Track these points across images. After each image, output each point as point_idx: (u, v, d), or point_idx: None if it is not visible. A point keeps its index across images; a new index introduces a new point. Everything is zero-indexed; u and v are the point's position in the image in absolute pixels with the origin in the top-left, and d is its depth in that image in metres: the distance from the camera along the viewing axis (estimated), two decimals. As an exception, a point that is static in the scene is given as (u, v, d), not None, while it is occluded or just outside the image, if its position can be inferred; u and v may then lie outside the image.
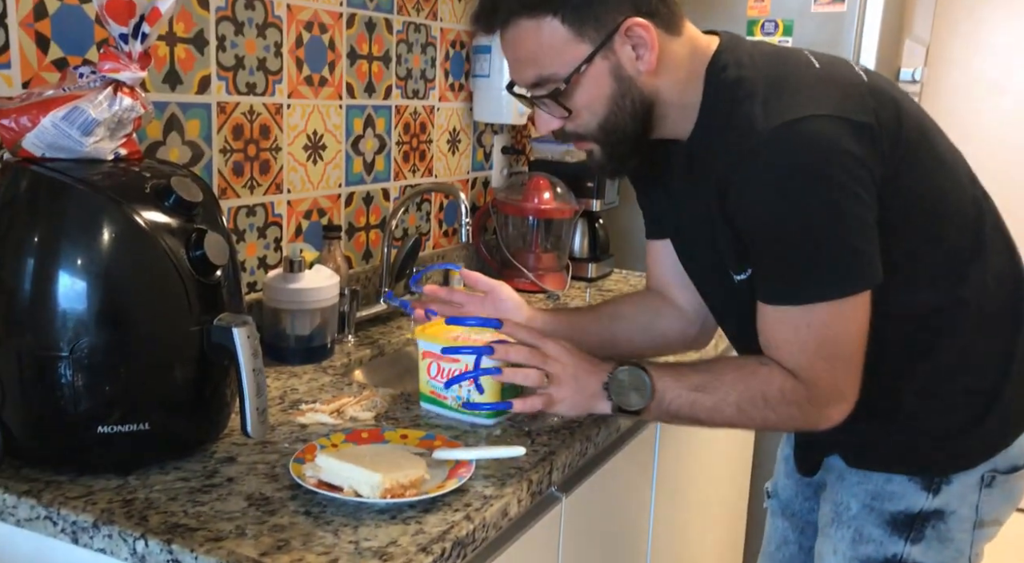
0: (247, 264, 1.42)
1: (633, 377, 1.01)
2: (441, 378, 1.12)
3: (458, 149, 1.92)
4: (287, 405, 1.18)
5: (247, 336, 0.94)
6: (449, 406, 1.13)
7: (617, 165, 1.09)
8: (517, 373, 1.04)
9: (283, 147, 1.45)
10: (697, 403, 1.01)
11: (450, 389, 1.12)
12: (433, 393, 1.13)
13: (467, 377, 1.06)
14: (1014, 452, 1.07)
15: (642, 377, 1.01)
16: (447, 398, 1.12)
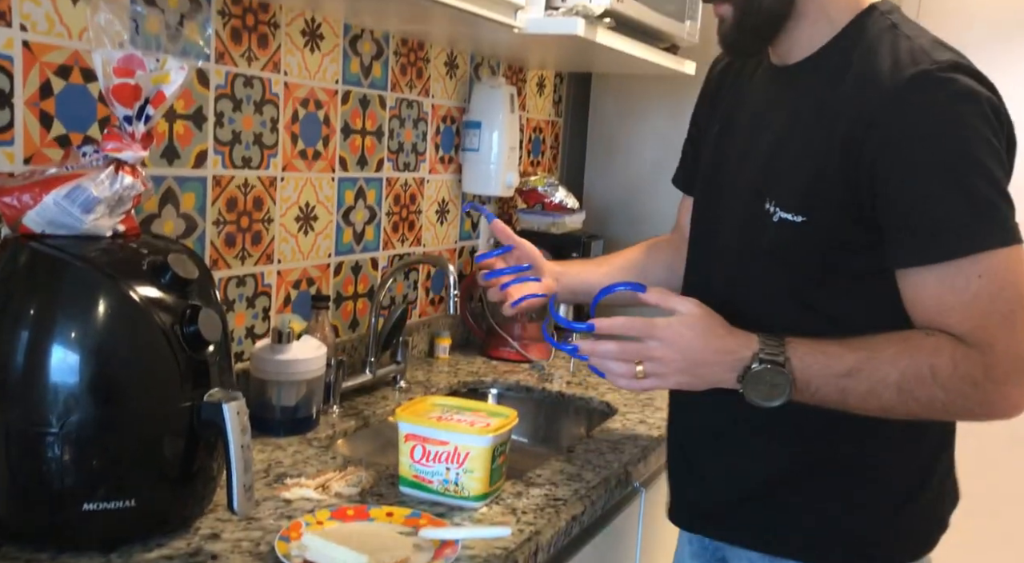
0: (235, 334, 1.43)
1: (773, 374, 0.92)
2: (427, 461, 1.13)
3: (446, 219, 1.95)
4: (272, 478, 1.17)
5: (237, 412, 0.95)
6: (434, 490, 1.13)
7: (739, 37, 1.01)
8: (609, 365, 0.98)
9: (275, 218, 1.48)
10: (848, 391, 0.92)
11: (435, 473, 1.12)
12: (417, 477, 1.13)
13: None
14: None
15: (781, 376, 0.92)
16: (432, 482, 1.13)
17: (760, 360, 0.92)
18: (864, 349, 0.92)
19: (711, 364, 0.95)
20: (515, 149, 1.95)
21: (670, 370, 0.96)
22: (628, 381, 0.98)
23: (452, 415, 1.17)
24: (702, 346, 0.95)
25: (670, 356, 0.95)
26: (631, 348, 0.96)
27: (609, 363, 0.98)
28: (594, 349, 0.98)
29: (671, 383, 0.97)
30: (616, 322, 0.98)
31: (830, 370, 0.91)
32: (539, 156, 2.33)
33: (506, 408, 1.20)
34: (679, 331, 0.95)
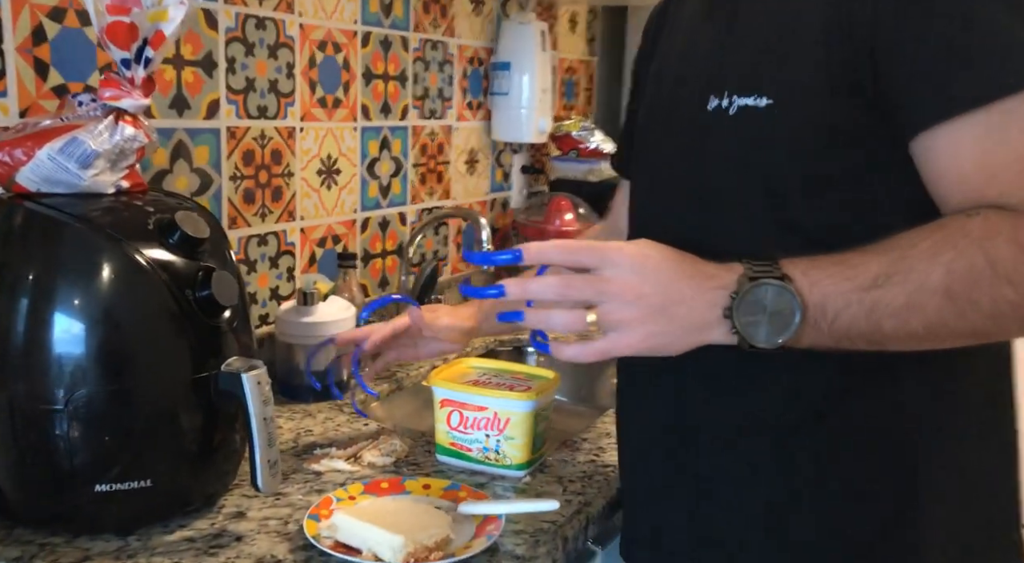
0: (258, 296, 1.35)
1: (773, 293, 0.65)
2: (464, 428, 1.04)
3: (476, 170, 1.85)
4: (300, 449, 1.10)
5: (257, 382, 0.87)
6: (474, 458, 1.05)
7: None
8: (549, 317, 0.69)
9: (296, 172, 1.39)
10: (879, 309, 0.64)
11: (474, 441, 1.04)
12: (455, 445, 1.06)
13: None
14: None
15: (784, 296, 0.65)
16: (471, 450, 1.05)
17: (751, 278, 0.65)
18: (890, 250, 0.65)
19: (688, 299, 0.66)
20: (547, 91, 1.83)
21: (637, 314, 0.66)
22: (577, 349, 0.69)
23: (490, 378, 1.09)
24: (675, 270, 0.67)
25: (636, 288, 0.66)
26: (578, 282, 0.67)
27: (551, 316, 0.69)
28: (525, 288, 0.68)
29: (638, 338, 0.67)
30: (550, 246, 0.68)
31: (850, 283, 0.65)
32: (573, 99, 2.20)
33: (547, 371, 1.12)
34: (643, 251, 0.68)
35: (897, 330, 0.65)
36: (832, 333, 0.66)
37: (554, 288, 0.67)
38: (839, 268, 0.66)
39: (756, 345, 0.66)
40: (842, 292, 0.65)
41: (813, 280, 0.65)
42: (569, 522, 0.93)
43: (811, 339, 0.67)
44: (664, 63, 0.90)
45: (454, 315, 1.15)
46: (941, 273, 0.64)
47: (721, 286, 0.67)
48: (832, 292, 0.65)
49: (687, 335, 0.68)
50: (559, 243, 0.68)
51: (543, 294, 0.68)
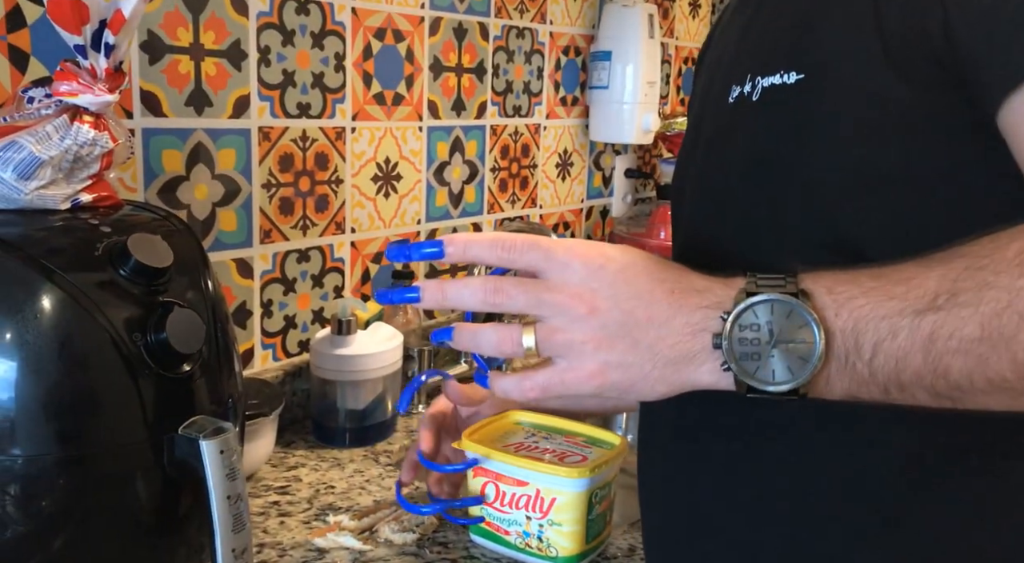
0: (298, 319, 1.18)
1: (782, 317, 0.46)
2: (501, 505, 0.83)
3: (570, 174, 1.62)
4: (315, 511, 0.92)
5: (219, 451, 0.69)
6: (511, 544, 0.83)
7: None
8: (476, 334, 0.52)
9: (346, 179, 1.21)
10: (940, 336, 0.44)
11: (512, 523, 0.83)
12: (490, 525, 0.84)
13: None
14: None
15: (799, 319, 0.46)
16: (509, 533, 0.83)
17: (749, 293, 0.47)
18: (954, 258, 0.45)
19: (662, 319, 0.48)
20: (655, 84, 1.58)
21: (589, 335, 0.48)
22: (511, 380, 0.51)
23: (538, 440, 0.87)
24: (646, 280, 0.48)
25: (589, 300, 0.48)
26: (510, 286, 0.49)
27: (478, 333, 0.51)
28: (444, 291, 0.51)
29: (591, 370, 0.48)
30: (480, 238, 0.51)
31: (896, 303, 0.45)
32: (689, 92, 1.93)
33: (612, 434, 0.88)
34: (604, 252, 0.50)
35: (971, 374, 0.44)
36: (874, 376, 0.46)
37: (478, 293, 0.50)
38: (880, 283, 0.46)
39: (758, 389, 0.47)
40: (884, 316, 0.45)
41: (841, 298, 0.46)
42: (616, 656, 0.70)
43: (844, 385, 0.47)
44: (702, 67, 0.72)
45: None
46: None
47: (712, 304, 0.48)
48: (869, 315, 0.45)
49: (662, 371, 0.48)
50: (492, 236, 0.51)
51: (463, 300, 0.51)
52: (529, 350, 0.50)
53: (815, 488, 0.56)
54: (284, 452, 1.07)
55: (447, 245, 0.51)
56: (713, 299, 0.48)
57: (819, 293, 0.46)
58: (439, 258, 0.52)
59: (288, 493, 0.96)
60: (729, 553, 0.61)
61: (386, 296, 0.54)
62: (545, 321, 0.49)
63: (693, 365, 0.48)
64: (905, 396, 0.46)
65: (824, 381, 0.46)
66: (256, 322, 1.13)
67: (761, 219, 0.55)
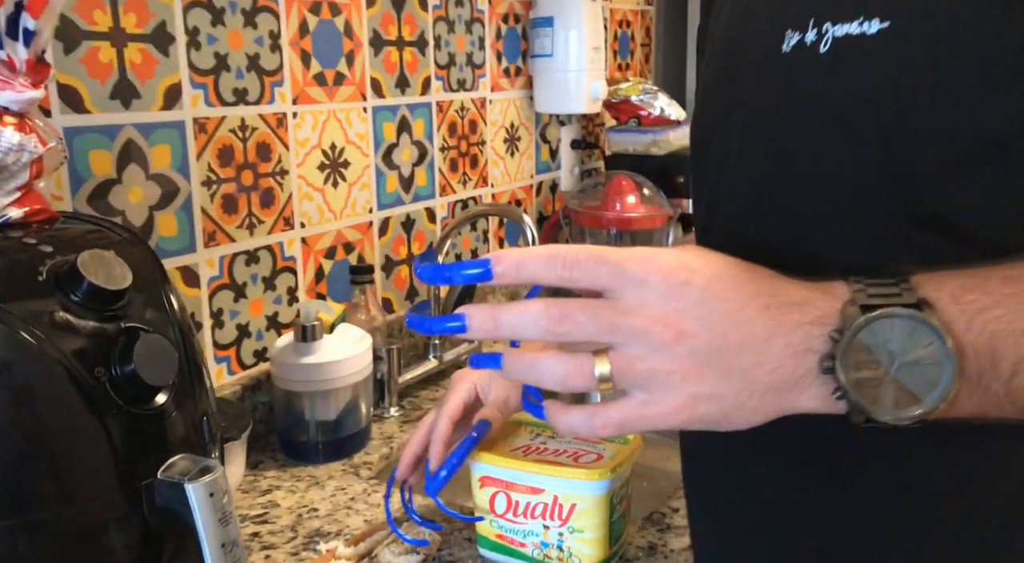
0: (252, 327, 1.08)
1: (905, 335, 0.40)
2: (514, 515, 0.76)
3: (518, 149, 1.55)
4: (301, 540, 0.84)
5: (209, 494, 0.60)
6: (529, 557, 0.77)
7: None
8: (536, 364, 0.43)
9: (291, 169, 1.11)
10: None
11: (528, 533, 0.76)
12: (502, 538, 0.78)
13: None
14: None
15: (925, 336, 0.40)
16: (525, 546, 0.77)
17: (864, 307, 0.40)
18: None
19: (760, 341, 0.41)
20: (600, 50, 1.52)
21: (676, 365, 0.41)
22: (581, 416, 0.43)
23: (546, 442, 0.81)
24: (737, 295, 0.42)
25: (675, 324, 0.41)
26: (579, 312, 0.42)
27: (539, 362, 0.43)
28: (497, 320, 0.43)
29: (678, 404, 0.42)
30: (536, 255, 0.43)
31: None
32: (627, 58, 1.88)
33: (624, 427, 0.82)
34: (686, 263, 0.43)
35: None
36: (1012, 396, 0.40)
37: (540, 321, 0.42)
38: (1017, 289, 0.40)
39: (878, 419, 0.40)
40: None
41: (972, 309, 0.40)
42: None
43: (972, 406, 0.41)
44: (721, 9, 0.59)
45: (508, 384, 0.83)
46: None
47: (815, 321, 0.41)
48: (1007, 329, 0.39)
49: (759, 401, 0.42)
50: (549, 250, 0.43)
51: (523, 330, 0.42)
52: (604, 382, 0.42)
53: (919, 509, 0.49)
54: (254, 475, 0.98)
55: (495, 264, 0.43)
56: (815, 313, 0.41)
57: (944, 303, 0.40)
58: (487, 280, 0.43)
59: (268, 522, 0.88)
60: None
61: (423, 324, 0.44)
62: (621, 349, 0.41)
63: (796, 391, 0.41)
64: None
65: (952, 405, 0.40)
66: (207, 334, 1.02)
67: (833, 195, 0.48)
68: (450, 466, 0.77)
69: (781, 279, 0.43)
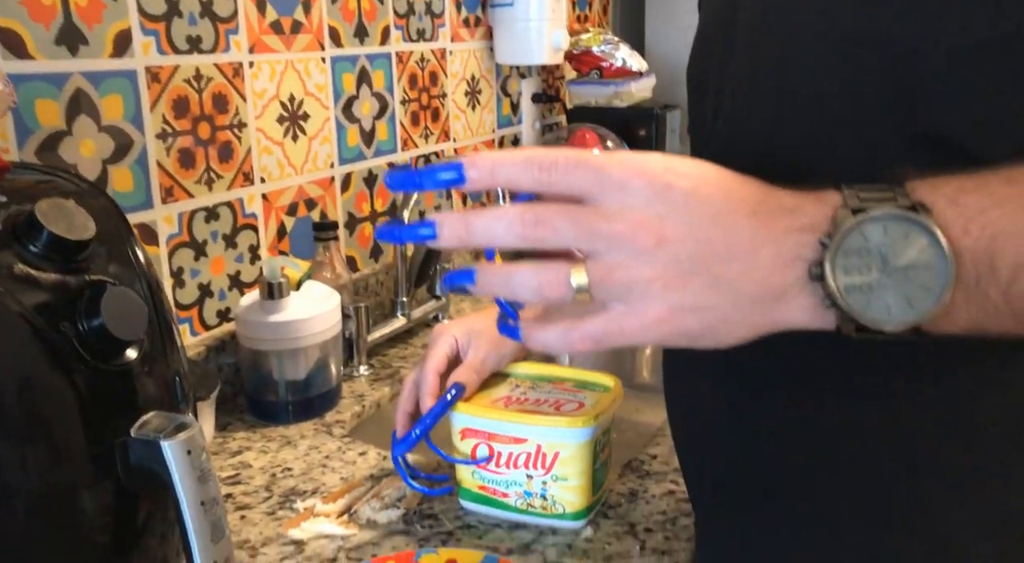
0: (214, 286, 1.04)
1: (899, 238, 0.38)
2: (496, 466, 0.75)
3: (479, 102, 1.52)
4: (277, 500, 0.82)
5: (187, 451, 0.58)
6: (512, 506, 0.76)
7: None
8: (510, 275, 0.41)
9: (249, 122, 1.07)
10: None
11: (511, 484, 0.75)
12: (485, 489, 0.77)
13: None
14: None
15: (920, 239, 0.38)
16: (508, 496, 0.76)
17: (855, 211, 0.38)
18: None
19: (747, 249, 0.39)
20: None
21: (658, 272, 0.39)
22: (556, 332, 0.42)
23: (527, 391, 0.80)
24: (724, 200, 0.40)
25: (657, 229, 0.39)
26: (554, 216, 0.40)
27: (513, 274, 0.41)
28: (468, 225, 0.41)
29: (659, 315, 0.40)
30: (511, 157, 0.41)
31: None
32: (586, 8, 1.85)
33: (604, 375, 0.82)
34: (671, 167, 0.40)
35: None
36: (1011, 304, 0.38)
37: (515, 225, 0.40)
38: (1018, 189, 0.38)
39: (871, 327, 0.38)
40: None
41: (970, 211, 0.38)
42: (661, 613, 0.65)
43: (970, 316, 0.39)
44: None
45: (487, 343, 0.81)
46: None
47: (805, 227, 0.39)
48: (1007, 230, 0.37)
49: (746, 313, 0.40)
50: (525, 153, 0.40)
51: (496, 235, 0.40)
52: (581, 292, 0.39)
53: (910, 435, 0.48)
54: (222, 436, 0.95)
55: (468, 168, 0.41)
56: (806, 220, 0.39)
57: (941, 205, 0.38)
58: (459, 185, 0.41)
59: (241, 483, 0.85)
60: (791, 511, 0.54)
61: (391, 233, 0.43)
62: (600, 257, 0.39)
63: (784, 302, 0.39)
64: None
65: (947, 313, 0.38)
66: (168, 294, 0.99)
67: (838, 111, 0.46)
68: (423, 427, 0.76)
69: (772, 187, 0.41)
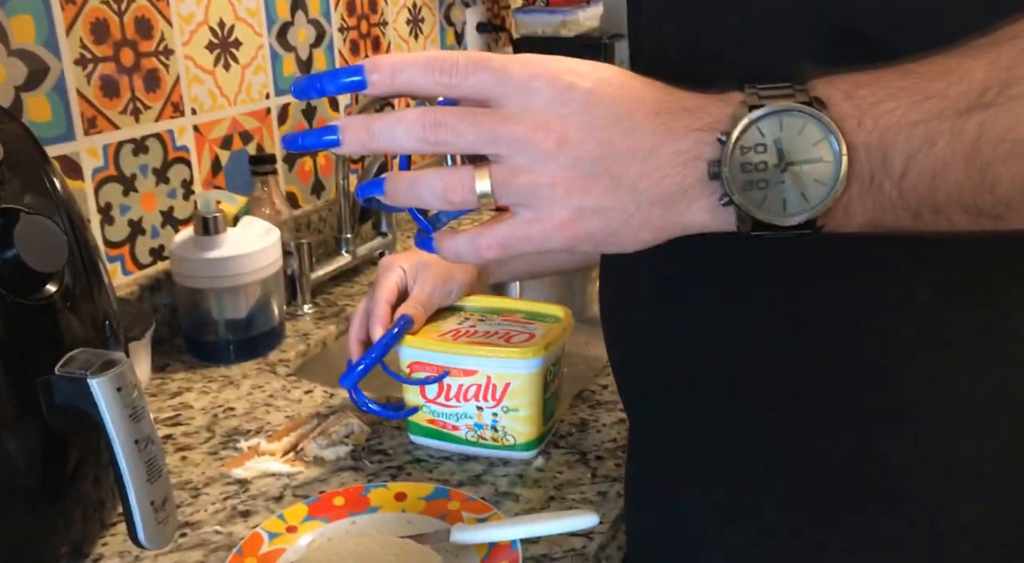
0: (145, 223, 1.00)
1: (793, 132, 0.38)
2: (446, 399, 0.74)
3: (422, 31, 1.47)
4: (219, 440, 0.79)
5: (116, 389, 0.55)
6: (462, 439, 0.75)
7: None
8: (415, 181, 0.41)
9: (176, 49, 1.01)
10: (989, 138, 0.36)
11: (461, 416, 0.74)
12: (434, 422, 0.75)
13: None
14: None
15: (815, 132, 0.37)
16: (459, 429, 0.74)
17: (752, 107, 0.38)
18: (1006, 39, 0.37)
19: (647, 149, 0.38)
20: (504, -77, 1.43)
21: (559, 175, 0.39)
22: (464, 239, 0.41)
23: (476, 324, 0.78)
24: (626, 100, 0.39)
25: (559, 131, 0.39)
26: (454, 118, 0.39)
27: (417, 179, 0.41)
28: (370, 129, 0.40)
29: (562, 219, 0.39)
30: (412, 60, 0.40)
31: (933, 103, 0.37)
32: (531, -63, 1.79)
33: (553, 306, 0.80)
34: (573, 67, 0.40)
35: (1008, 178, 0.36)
36: (904, 197, 0.37)
37: (415, 128, 0.39)
38: (911, 81, 0.37)
39: (766, 223, 0.38)
40: (918, 121, 0.36)
41: (865, 104, 0.37)
42: (614, 538, 0.64)
43: (867, 211, 0.38)
44: None
45: (433, 276, 0.79)
46: None
47: (706, 126, 0.39)
48: (899, 122, 0.37)
49: (647, 214, 0.39)
50: (427, 56, 0.40)
51: (395, 139, 0.40)
52: (484, 197, 0.40)
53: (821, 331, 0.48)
54: (160, 377, 0.92)
55: (370, 71, 0.40)
56: (707, 119, 0.39)
57: (836, 100, 0.37)
58: (361, 89, 0.40)
59: (181, 424, 0.82)
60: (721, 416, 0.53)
61: (296, 141, 0.42)
62: (503, 160, 0.39)
63: (684, 203, 0.39)
64: (939, 220, 0.38)
65: (844, 208, 0.38)
66: (96, 231, 0.94)
67: (754, 7, 0.45)
68: (369, 360, 0.73)
69: (673, 88, 0.40)
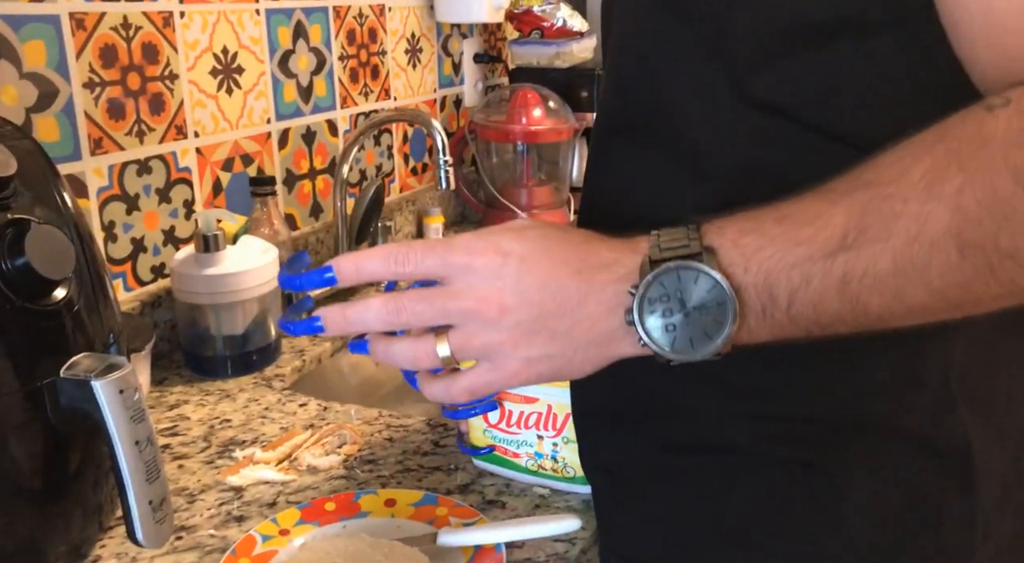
0: (148, 241, 1.03)
1: (689, 284, 0.44)
2: (507, 425, 0.74)
3: (420, 61, 1.51)
4: (215, 450, 0.81)
5: (119, 391, 0.57)
6: (523, 467, 0.75)
7: None
8: (389, 349, 0.50)
9: (181, 74, 1.04)
10: (853, 276, 0.42)
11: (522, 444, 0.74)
12: (496, 448, 0.74)
13: None
14: None
15: (707, 283, 0.44)
16: (519, 456, 0.74)
17: (653, 261, 0.45)
18: (860, 187, 0.42)
19: (573, 305, 0.46)
20: (501, -43, 1.48)
21: (506, 337, 0.47)
22: (440, 386, 0.50)
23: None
24: (551, 266, 0.47)
25: (497, 301, 0.46)
26: (411, 302, 0.48)
27: (391, 348, 0.50)
28: (346, 316, 0.49)
29: (517, 368, 0.48)
30: (368, 256, 0.49)
31: (804, 248, 0.43)
32: (527, -29, 1.84)
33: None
34: (501, 244, 0.47)
35: (890, 307, 0.43)
36: (795, 322, 0.45)
37: (381, 314, 0.49)
38: (785, 228, 0.44)
39: (677, 359, 0.46)
40: (794, 264, 0.43)
41: (749, 251, 0.45)
42: (596, 543, 0.67)
43: (767, 332, 0.46)
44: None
45: None
46: (945, 214, 0.40)
47: (620, 278, 0.47)
48: (779, 266, 0.44)
49: (585, 354, 0.48)
50: (383, 250, 0.49)
51: (368, 323, 0.49)
52: (447, 360, 0.48)
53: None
54: (159, 390, 0.94)
55: (337, 271, 0.49)
56: (621, 271, 0.46)
57: (725, 248, 0.45)
58: (332, 285, 0.49)
59: (178, 434, 0.85)
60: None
61: (291, 328, 0.52)
62: (458, 328, 0.48)
63: (614, 342, 0.47)
64: (828, 333, 0.45)
65: (747, 333, 0.45)
66: (99, 248, 0.97)
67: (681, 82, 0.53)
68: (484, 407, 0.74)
69: (593, 242, 0.48)
